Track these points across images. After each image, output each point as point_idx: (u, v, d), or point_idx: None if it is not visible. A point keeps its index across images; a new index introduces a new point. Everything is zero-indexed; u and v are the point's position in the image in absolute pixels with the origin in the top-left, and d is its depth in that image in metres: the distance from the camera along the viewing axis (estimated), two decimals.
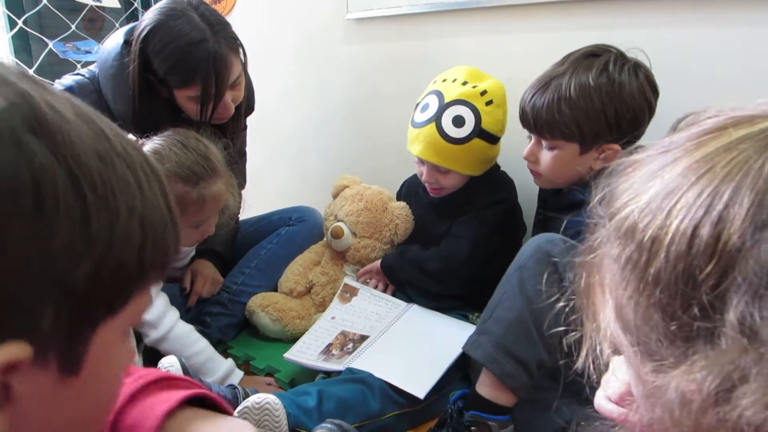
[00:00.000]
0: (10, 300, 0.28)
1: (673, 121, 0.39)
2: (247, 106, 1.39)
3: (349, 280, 1.38)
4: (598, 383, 0.44)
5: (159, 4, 1.13)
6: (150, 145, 1.09)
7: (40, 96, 0.30)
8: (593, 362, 0.42)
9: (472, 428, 0.92)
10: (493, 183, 1.31)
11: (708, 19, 1.09)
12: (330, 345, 1.20)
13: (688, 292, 0.31)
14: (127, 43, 1.16)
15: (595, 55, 1.03)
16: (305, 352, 1.19)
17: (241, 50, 1.19)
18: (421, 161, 1.27)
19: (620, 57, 1.03)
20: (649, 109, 1.02)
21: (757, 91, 0.37)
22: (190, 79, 1.11)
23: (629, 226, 0.34)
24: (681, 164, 0.33)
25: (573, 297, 0.44)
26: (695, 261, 0.31)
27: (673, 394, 0.32)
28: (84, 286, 0.30)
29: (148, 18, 1.11)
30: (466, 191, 1.30)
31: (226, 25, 1.16)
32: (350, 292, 1.35)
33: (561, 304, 0.93)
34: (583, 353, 0.43)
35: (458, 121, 1.19)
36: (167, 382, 0.50)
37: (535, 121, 1.05)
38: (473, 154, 1.22)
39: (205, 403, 0.51)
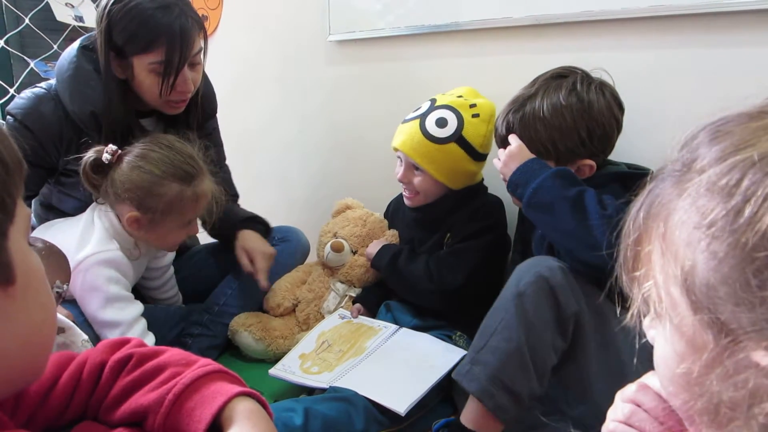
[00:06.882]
0: None
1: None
2: (209, 107, 1.40)
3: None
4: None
5: None
6: (135, 150, 1.12)
7: None
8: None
9: None
10: (481, 205, 1.31)
11: (660, 41, 1.15)
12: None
13: None
14: (83, 48, 1.19)
15: (562, 76, 1.06)
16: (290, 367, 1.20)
17: (202, 33, 1.21)
18: (400, 161, 1.30)
19: (586, 77, 1.06)
20: (617, 125, 1.05)
21: (709, 105, 0.38)
22: (154, 41, 1.12)
23: (730, 182, 0.32)
24: None
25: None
26: None
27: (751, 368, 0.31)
28: None
29: None
30: (447, 205, 1.31)
31: (191, 5, 1.19)
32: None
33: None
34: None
35: (441, 123, 1.23)
36: (225, 374, 0.57)
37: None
38: (447, 159, 1.24)
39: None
